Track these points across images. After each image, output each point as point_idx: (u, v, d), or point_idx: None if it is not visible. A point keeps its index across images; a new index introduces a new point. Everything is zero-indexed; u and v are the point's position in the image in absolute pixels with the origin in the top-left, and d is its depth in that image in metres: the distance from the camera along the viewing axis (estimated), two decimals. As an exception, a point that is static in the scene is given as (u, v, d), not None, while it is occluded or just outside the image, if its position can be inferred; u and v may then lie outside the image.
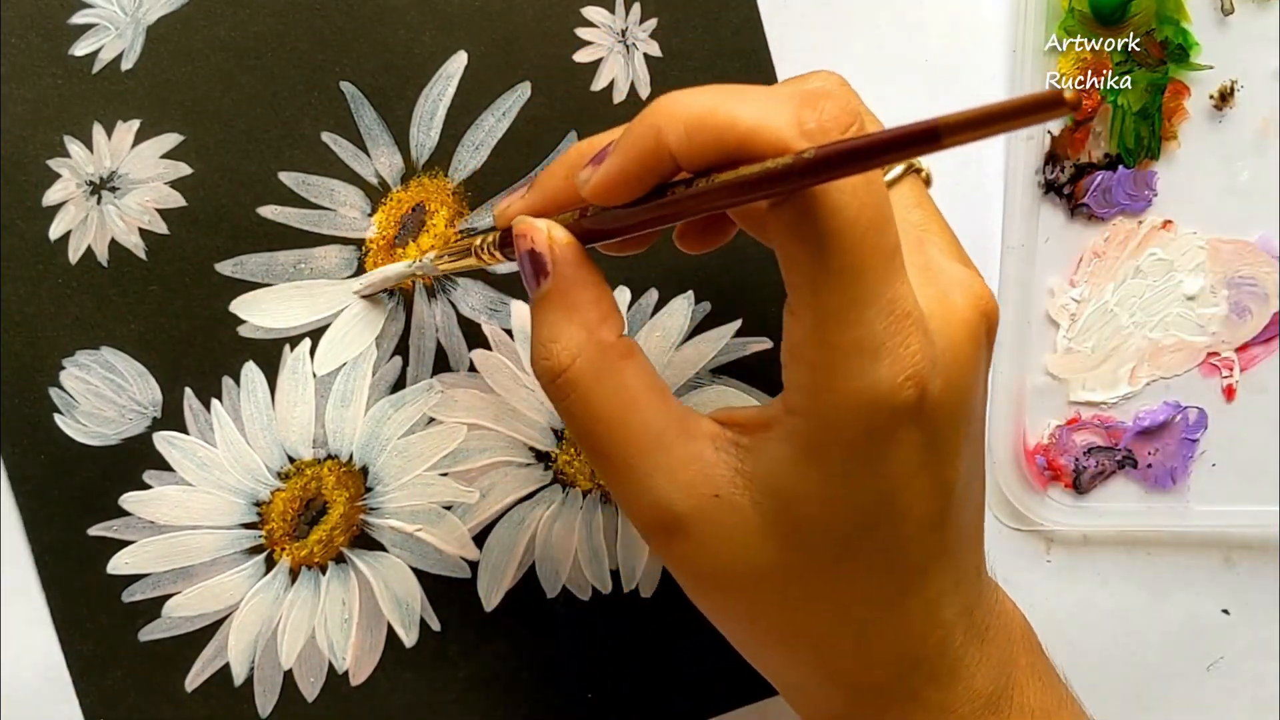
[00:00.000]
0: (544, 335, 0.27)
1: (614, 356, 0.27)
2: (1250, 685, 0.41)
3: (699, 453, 0.26)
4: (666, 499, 0.26)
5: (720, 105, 0.24)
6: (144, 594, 0.35)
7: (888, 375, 0.23)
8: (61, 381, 0.34)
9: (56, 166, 0.34)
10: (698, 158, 0.24)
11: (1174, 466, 0.40)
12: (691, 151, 0.24)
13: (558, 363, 0.27)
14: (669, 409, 0.27)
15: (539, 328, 0.27)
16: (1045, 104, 0.18)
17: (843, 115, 0.23)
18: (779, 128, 0.23)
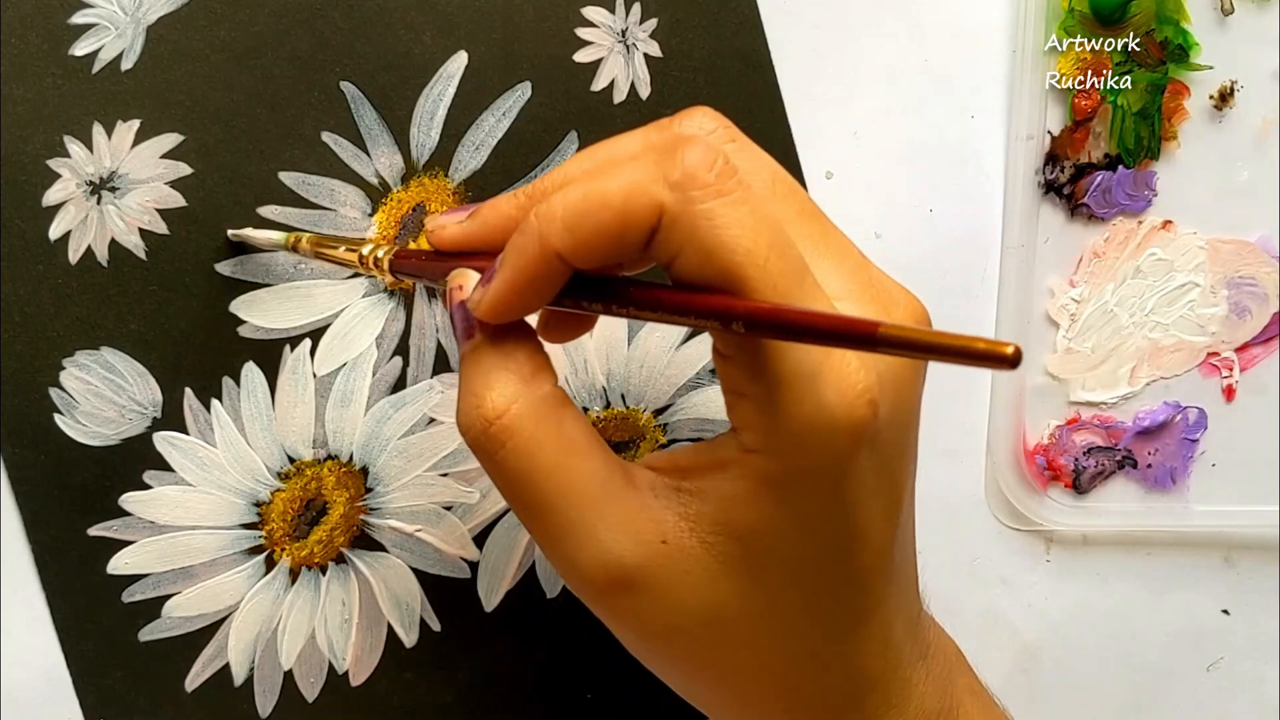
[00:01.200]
0: (475, 385, 0.26)
1: (552, 404, 0.26)
2: (1250, 685, 0.41)
3: (642, 501, 0.25)
4: (615, 551, 0.25)
5: (590, 191, 0.24)
6: (144, 594, 0.35)
7: (834, 396, 0.23)
8: (61, 381, 0.34)
9: (56, 166, 0.34)
10: (587, 252, 0.24)
11: (1174, 466, 0.40)
12: (579, 248, 0.24)
13: (492, 409, 0.25)
14: (608, 459, 0.26)
15: (470, 379, 0.26)
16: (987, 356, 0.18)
17: (705, 158, 0.23)
18: (648, 190, 0.23)
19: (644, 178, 0.23)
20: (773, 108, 0.37)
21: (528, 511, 0.26)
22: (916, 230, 0.38)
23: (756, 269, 0.23)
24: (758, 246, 0.23)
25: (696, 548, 0.25)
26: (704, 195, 0.23)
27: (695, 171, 0.23)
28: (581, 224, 0.23)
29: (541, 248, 0.24)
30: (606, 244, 0.24)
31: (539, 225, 0.24)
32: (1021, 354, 0.18)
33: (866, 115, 0.38)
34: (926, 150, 0.38)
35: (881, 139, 0.38)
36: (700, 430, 0.37)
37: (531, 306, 0.25)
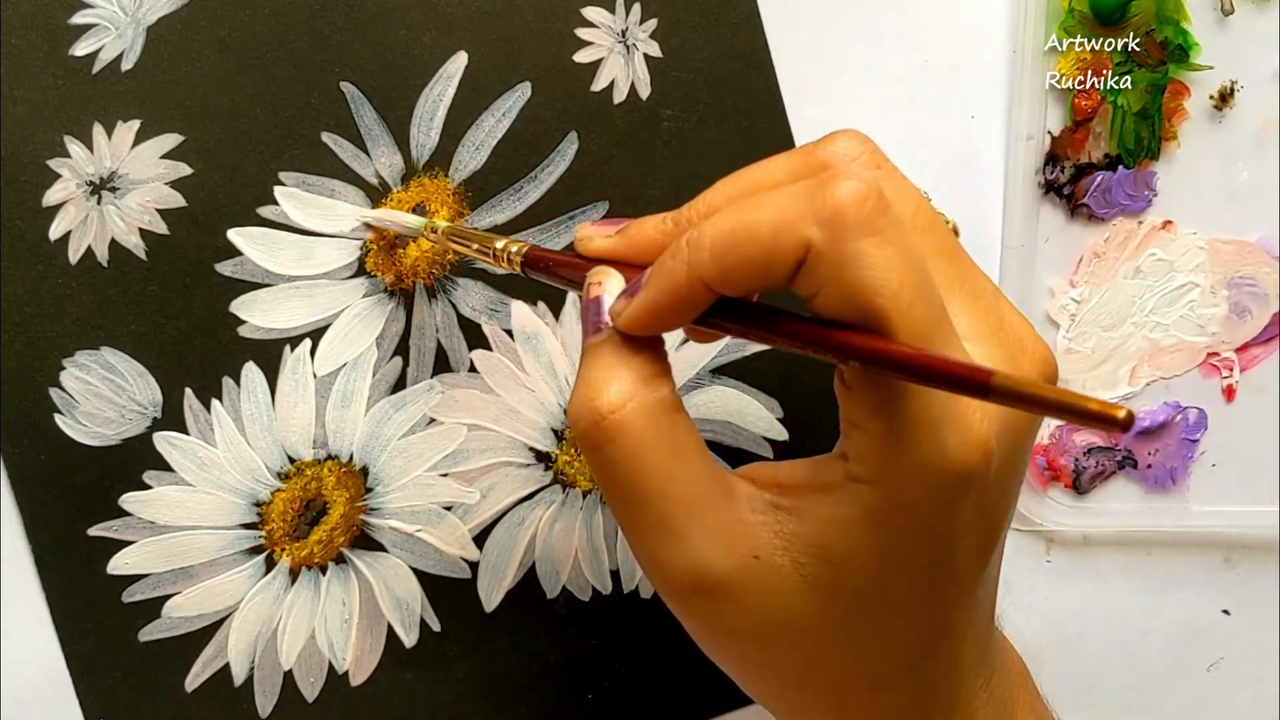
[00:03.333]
0: (594, 377, 0.26)
1: (667, 408, 0.26)
2: (1250, 685, 0.41)
3: (739, 514, 0.26)
4: (705, 559, 0.25)
5: (738, 224, 0.24)
6: (144, 594, 0.35)
7: (955, 443, 0.23)
8: (61, 381, 0.34)
9: (56, 166, 0.34)
10: (734, 283, 0.24)
11: (1174, 467, 0.40)
12: (725, 279, 0.24)
13: (608, 404, 0.25)
14: (712, 468, 0.26)
15: (589, 369, 0.26)
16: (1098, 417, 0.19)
17: (857, 194, 0.23)
18: (797, 226, 0.23)
19: (793, 212, 0.23)
20: (773, 108, 0.37)
21: (625, 508, 0.26)
22: (916, 230, 0.38)
23: (900, 313, 0.23)
24: (903, 290, 0.23)
25: (786, 565, 0.25)
26: (853, 234, 0.23)
27: (846, 208, 0.23)
28: (729, 255, 0.24)
29: (689, 274, 0.24)
30: (752, 275, 0.24)
31: (688, 252, 0.24)
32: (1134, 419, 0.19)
33: (866, 115, 0.38)
34: (926, 150, 0.38)
35: (881, 139, 0.38)
36: (700, 430, 0.37)
37: (670, 326, 0.26)
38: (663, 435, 0.26)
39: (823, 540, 0.25)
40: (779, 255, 0.23)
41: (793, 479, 0.26)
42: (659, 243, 0.27)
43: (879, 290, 0.23)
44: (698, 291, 0.24)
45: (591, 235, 0.28)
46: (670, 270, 0.25)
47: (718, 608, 0.26)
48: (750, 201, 0.24)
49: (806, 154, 0.26)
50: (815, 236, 0.23)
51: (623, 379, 0.26)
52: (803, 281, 0.23)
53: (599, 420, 0.26)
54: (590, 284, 0.27)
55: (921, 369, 0.22)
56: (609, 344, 0.26)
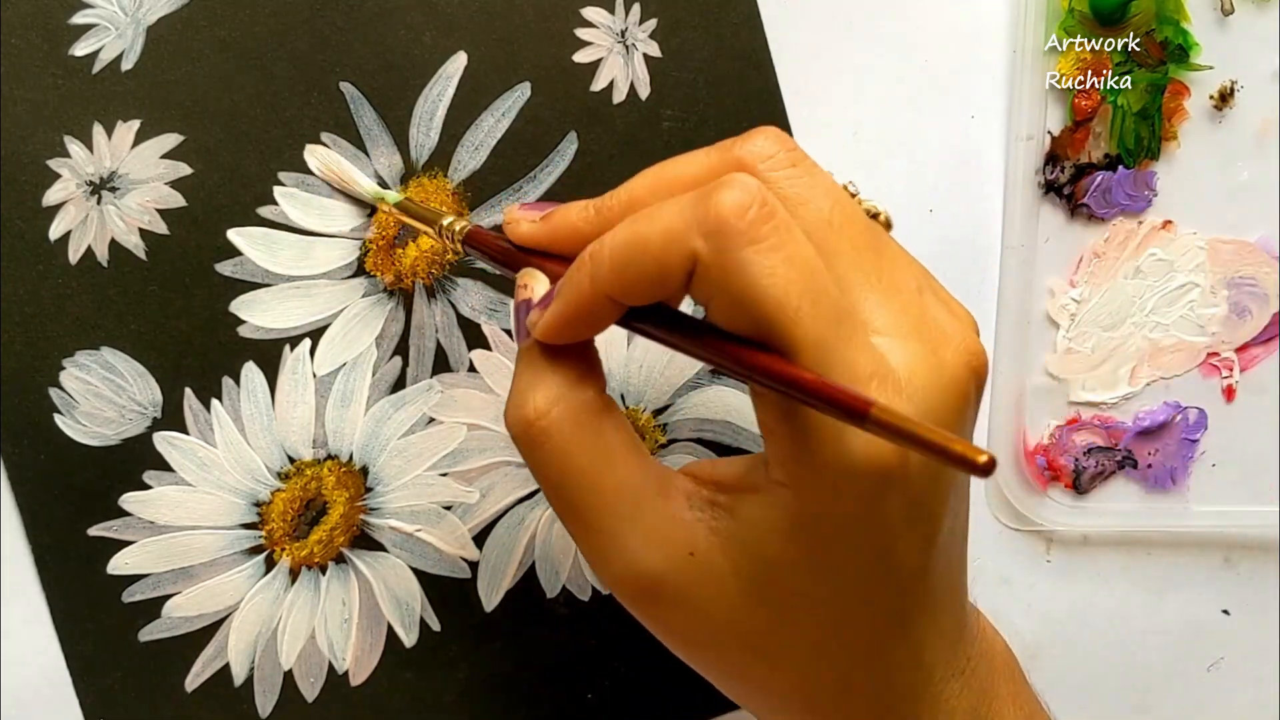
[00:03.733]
0: (523, 383, 0.27)
1: (593, 410, 0.26)
2: (1250, 685, 0.41)
3: (674, 511, 0.26)
4: (642, 559, 0.26)
5: (632, 235, 0.24)
6: (144, 594, 0.35)
7: (861, 443, 0.23)
8: (61, 381, 0.34)
9: (56, 166, 0.34)
10: (633, 294, 0.24)
11: (1174, 467, 0.40)
12: (625, 291, 0.24)
13: (533, 409, 0.26)
14: (646, 466, 0.26)
15: (519, 376, 0.27)
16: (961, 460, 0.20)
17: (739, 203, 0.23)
18: (682, 237, 0.23)
19: (680, 223, 0.23)
20: (773, 108, 0.37)
21: (562, 512, 0.27)
22: (916, 230, 0.38)
23: (786, 318, 0.23)
24: (788, 296, 0.23)
25: (724, 565, 0.25)
26: (735, 243, 0.23)
27: (728, 218, 0.23)
28: (626, 268, 0.24)
29: (592, 286, 0.25)
30: (649, 287, 0.24)
31: (590, 265, 0.25)
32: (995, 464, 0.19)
33: (866, 115, 0.38)
34: (926, 150, 0.38)
35: (881, 139, 0.38)
36: (700, 430, 0.37)
37: (584, 335, 0.26)
38: (588, 438, 0.26)
39: (753, 541, 0.25)
40: (669, 267, 0.23)
41: (729, 476, 0.26)
42: (581, 232, 0.27)
43: (762, 298, 0.23)
44: (603, 303, 0.25)
45: (518, 219, 0.28)
46: (576, 282, 0.25)
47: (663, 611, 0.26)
48: (645, 213, 0.24)
49: (723, 150, 0.26)
50: (699, 247, 0.23)
51: (548, 384, 0.26)
52: (694, 293, 0.24)
53: (527, 428, 0.26)
54: (519, 286, 0.28)
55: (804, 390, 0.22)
56: (536, 349, 0.27)
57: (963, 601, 0.28)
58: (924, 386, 0.24)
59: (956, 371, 0.25)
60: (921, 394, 0.24)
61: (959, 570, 0.28)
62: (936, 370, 0.25)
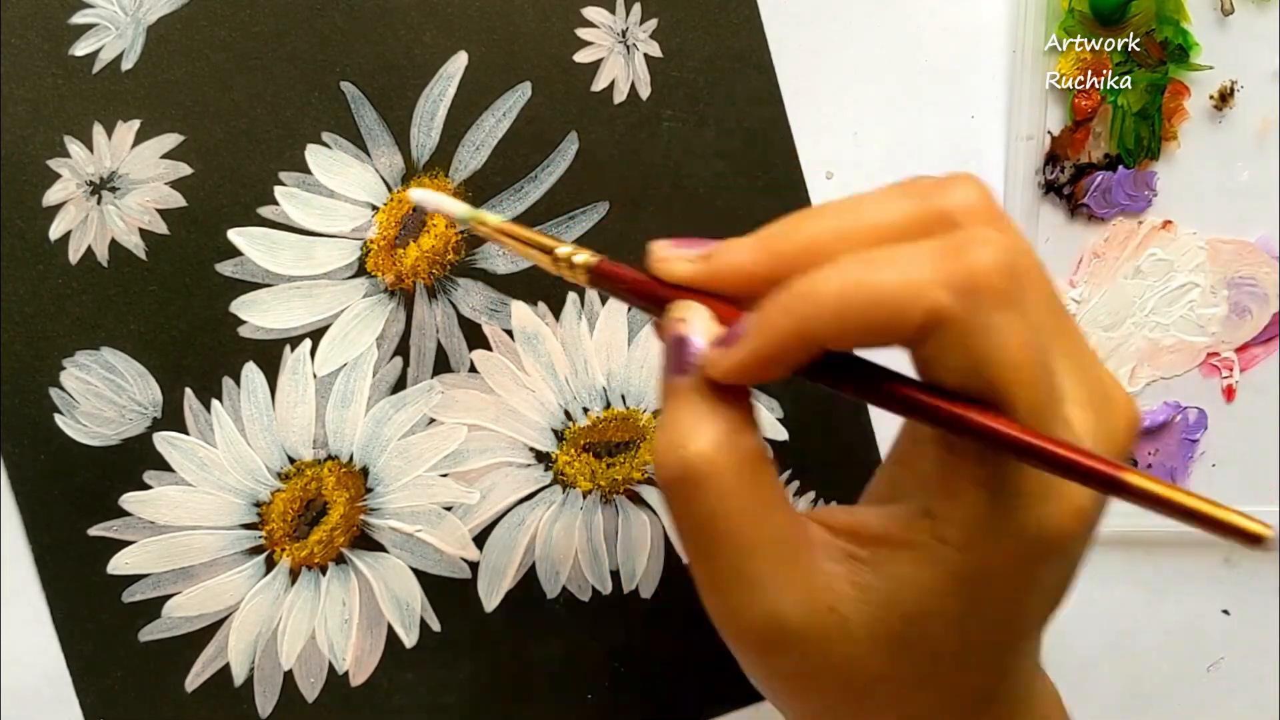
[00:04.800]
0: (684, 425, 0.25)
1: (754, 458, 0.25)
2: (1250, 685, 0.41)
3: (818, 565, 0.25)
4: (781, 611, 0.25)
5: (862, 282, 0.23)
6: (144, 594, 0.35)
7: (1055, 514, 0.23)
8: (61, 381, 0.34)
9: (56, 166, 0.34)
10: (849, 341, 0.23)
11: (1174, 466, 0.40)
12: (842, 337, 0.23)
13: (697, 451, 0.25)
14: (794, 518, 0.26)
15: (676, 414, 0.25)
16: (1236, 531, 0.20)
17: (995, 265, 0.22)
18: (928, 292, 0.22)
19: (924, 277, 0.22)
20: (773, 108, 0.37)
21: (704, 557, 0.26)
22: (916, 230, 0.38)
23: (1022, 389, 0.22)
24: (1028, 364, 0.22)
25: (861, 618, 0.25)
26: (990, 305, 0.22)
27: (981, 278, 0.22)
28: (852, 315, 0.23)
29: (800, 330, 0.23)
30: (871, 336, 0.23)
31: (801, 308, 0.23)
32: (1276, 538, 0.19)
33: (866, 115, 0.38)
34: (926, 150, 0.38)
35: (881, 139, 0.38)
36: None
37: (771, 378, 0.25)
38: (749, 486, 0.25)
39: (900, 597, 0.25)
40: (905, 319, 0.22)
41: (872, 529, 0.25)
42: (750, 274, 0.25)
43: (1005, 365, 0.22)
44: (808, 346, 0.24)
45: (670, 259, 0.26)
46: (778, 324, 0.24)
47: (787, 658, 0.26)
48: (872, 257, 0.23)
49: (923, 198, 0.25)
50: (947, 304, 0.22)
51: (713, 425, 0.25)
52: (925, 348, 0.23)
53: (686, 468, 0.25)
54: (674, 319, 0.26)
55: (1047, 457, 0.22)
56: (696, 388, 0.25)
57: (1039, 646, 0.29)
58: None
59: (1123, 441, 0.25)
60: None
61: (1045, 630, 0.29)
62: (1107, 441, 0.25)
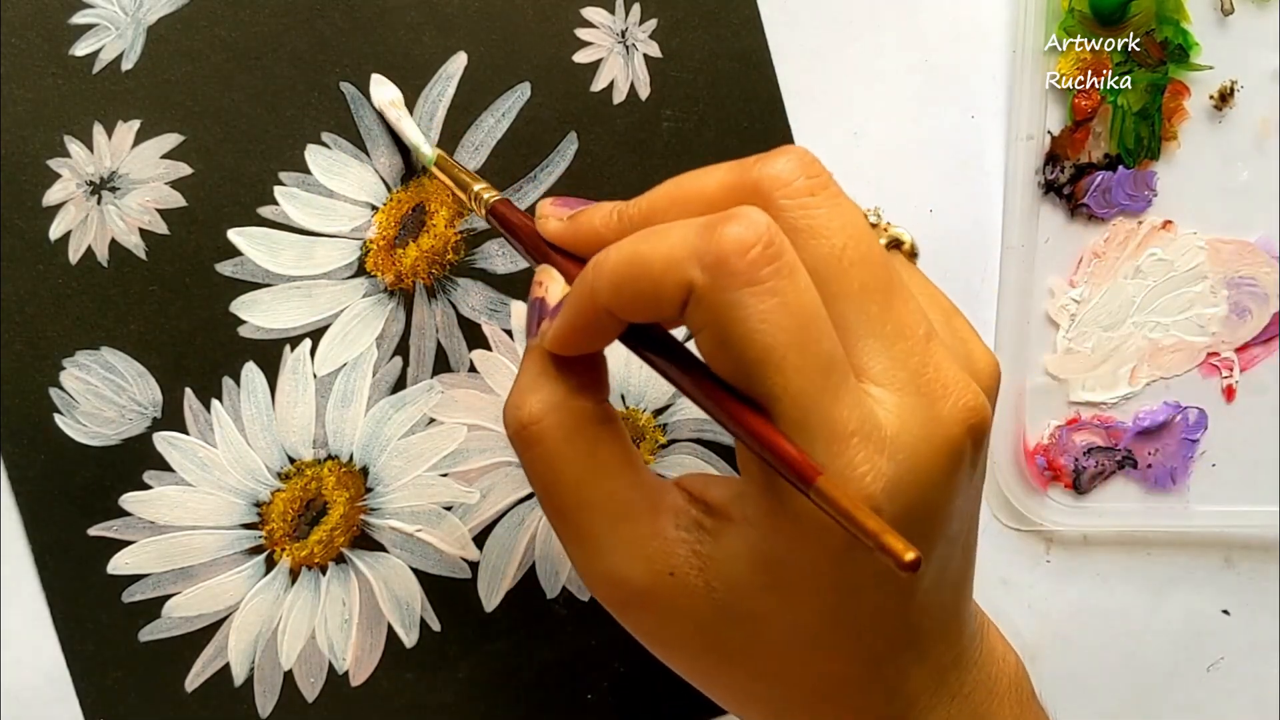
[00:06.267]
0: (523, 383, 0.26)
1: (590, 420, 0.26)
2: (1250, 685, 0.41)
3: (660, 529, 0.26)
4: (623, 572, 0.26)
5: (635, 254, 0.23)
6: (144, 594, 0.35)
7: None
8: (61, 381, 0.34)
9: (56, 166, 0.34)
10: (629, 312, 0.24)
11: (1174, 466, 0.40)
12: (623, 308, 0.24)
13: (528, 413, 0.26)
14: (638, 481, 0.26)
15: (521, 375, 0.27)
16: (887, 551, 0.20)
17: (742, 240, 0.22)
18: (681, 266, 0.23)
19: (682, 250, 0.23)
20: (773, 108, 0.37)
21: (551, 515, 0.27)
22: (916, 230, 0.38)
23: (770, 366, 0.22)
24: (776, 343, 0.22)
25: (700, 587, 0.25)
26: (732, 283, 0.22)
27: (729, 255, 0.22)
28: (625, 286, 0.24)
29: (593, 300, 0.24)
30: (644, 308, 0.24)
31: (592, 278, 0.24)
32: (920, 564, 0.20)
33: (866, 115, 0.38)
34: (926, 150, 0.38)
35: (881, 139, 0.38)
36: (700, 431, 0.37)
37: (590, 348, 0.26)
38: (580, 448, 0.26)
39: (727, 568, 0.25)
40: (664, 292, 0.23)
41: (719, 500, 0.26)
42: (603, 236, 0.26)
43: (749, 342, 0.22)
44: (603, 317, 0.24)
45: (548, 216, 0.28)
46: (580, 295, 0.25)
47: (639, 616, 0.26)
48: (652, 232, 0.24)
49: (743, 170, 0.25)
50: (696, 279, 0.22)
51: (547, 389, 0.26)
52: (687, 321, 0.23)
53: (520, 429, 0.26)
54: (535, 283, 0.27)
55: (761, 446, 0.22)
56: (541, 350, 0.26)
57: (960, 632, 0.27)
58: (911, 444, 0.23)
59: (951, 428, 0.24)
60: (908, 451, 0.23)
61: (955, 607, 0.27)
62: (928, 426, 0.24)
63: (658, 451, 0.37)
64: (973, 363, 0.27)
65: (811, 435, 0.23)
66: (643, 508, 0.26)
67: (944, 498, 0.24)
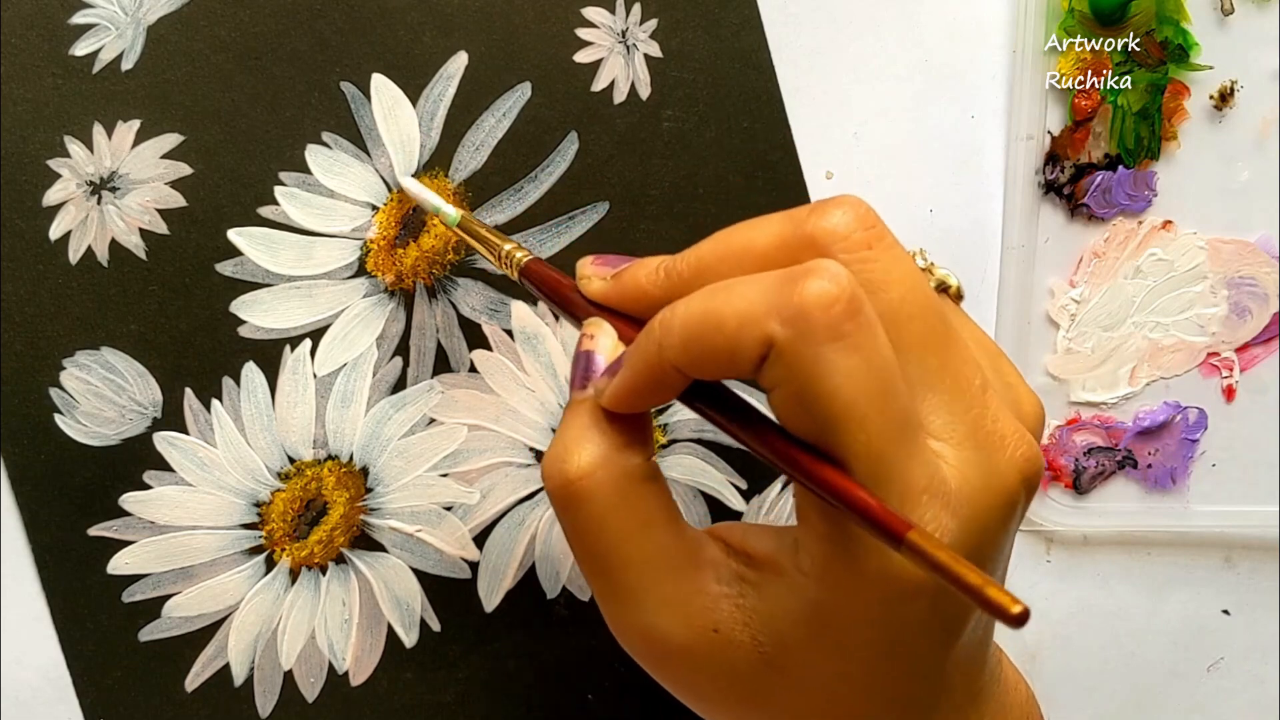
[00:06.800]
0: (569, 438, 0.26)
1: (637, 478, 0.26)
2: (1250, 686, 0.41)
3: (702, 585, 0.25)
4: (664, 629, 0.25)
5: (707, 310, 0.23)
6: (144, 594, 0.35)
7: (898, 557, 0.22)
8: (61, 381, 0.34)
9: (56, 166, 0.34)
10: (700, 369, 0.24)
11: (1174, 466, 0.40)
12: (693, 365, 0.24)
13: (576, 469, 0.25)
14: (680, 536, 0.26)
15: (567, 427, 0.26)
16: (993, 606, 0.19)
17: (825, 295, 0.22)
18: (760, 322, 0.22)
19: (759, 306, 0.22)
20: (773, 108, 0.37)
21: (588, 571, 0.26)
22: (916, 230, 0.38)
23: (853, 424, 0.22)
24: (858, 401, 0.22)
25: (745, 642, 0.25)
26: (817, 338, 0.22)
27: (811, 310, 0.22)
28: (696, 343, 0.23)
29: (660, 356, 0.24)
30: (718, 365, 0.23)
31: (660, 335, 0.24)
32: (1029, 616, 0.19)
33: (866, 115, 0.38)
34: (926, 150, 0.38)
35: (881, 139, 0.38)
36: (700, 431, 0.37)
37: (650, 405, 0.26)
38: (627, 505, 0.25)
39: (774, 622, 0.25)
40: (742, 348, 0.23)
41: (760, 552, 0.25)
42: (650, 295, 0.26)
43: (834, 399, 0.22)
44: (670, 374, 0.24)
45: (590, 276, 0.28)
46: (644, 351, 0.24)
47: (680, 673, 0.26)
48: (721, 287, 0.23)
49: (797, 224, 0.25)
50: (778, 334, 0.22)
51: (595, 444, 0.26)
52: (764, 377, 0.23)
53: (566, 484, 0.25)
54: (584, 335, 0.27)
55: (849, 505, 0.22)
56: (590, 404, 0.26)
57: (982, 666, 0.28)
58: (973, 498, 0.23)
59: (1008, 481, 0.24)
60: (969, 506, 0.23)
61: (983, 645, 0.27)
62: (987, 479, 0.24)
63: (658, 452, 0.37)
64: (1019, 406, 0.27)
65: (885, 493, 0.22)
66: (684, 563, 0.26)
67: (997, 547, 0.25)
